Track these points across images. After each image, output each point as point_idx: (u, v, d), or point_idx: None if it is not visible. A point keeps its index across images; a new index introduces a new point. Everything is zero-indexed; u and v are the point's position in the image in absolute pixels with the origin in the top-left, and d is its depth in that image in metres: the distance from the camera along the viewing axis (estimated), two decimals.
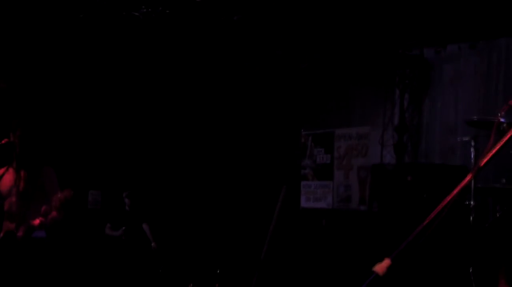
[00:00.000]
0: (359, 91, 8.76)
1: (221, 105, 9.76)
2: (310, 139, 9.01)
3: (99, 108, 9.83)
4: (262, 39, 8.76)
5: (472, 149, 6.03)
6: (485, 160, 2.62)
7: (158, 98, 10.01)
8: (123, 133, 10.05)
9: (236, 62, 9.36)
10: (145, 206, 9.67)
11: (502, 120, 5.10)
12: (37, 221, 5.35)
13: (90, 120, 9.75)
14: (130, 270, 9.20)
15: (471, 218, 5.63)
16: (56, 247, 5.73)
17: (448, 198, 2.66)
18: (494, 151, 2.60)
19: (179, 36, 8.94)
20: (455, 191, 2.65)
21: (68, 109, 9.50)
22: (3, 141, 5.44)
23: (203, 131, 9.87)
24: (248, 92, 9.54)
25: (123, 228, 9.34)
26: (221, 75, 9.58)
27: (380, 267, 2.56)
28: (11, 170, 5.53)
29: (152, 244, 9.42)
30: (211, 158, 9.77)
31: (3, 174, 5.57)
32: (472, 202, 5.66)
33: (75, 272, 8.79)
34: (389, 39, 8.29)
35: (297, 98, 9.23)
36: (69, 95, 9.49)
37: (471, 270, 5.32)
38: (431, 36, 8.11)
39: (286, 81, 9.25)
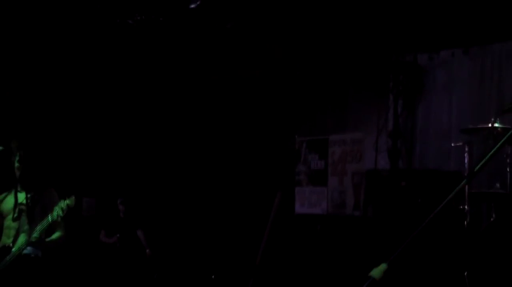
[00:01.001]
0: (353, 97, 8.78)
1: (216, 111, 9.77)
2: (304, 145, 9.01)
3: (93, 115, 9.82)
4: (256, 45, 8.78)
5: (466, 155, 6.04)
6: (480, 164, 2.63)
7: (152, 105, 10.01)
8: (116, 140, 10.05)
9: (230, 68, 9.38)
10: (140, 212, 9.66)
11: (496, 125, 5.14)
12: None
13: (83, 127, 9.74)
14: (124, 277, 9.18)
15: (465, 222, 5.64)
16: (50, 259, 5.75)
17: (445, 201, 2.67)
18: (489, 155, 2.61)
19: (173, 44, 8.95)
20: (450, 196, 2.66)
21: (62, 116, 9.49)
22: None
23: (198, 137, 9.87)
24: (242, 98, 9.55)
25: (118, 235, 9.32)
26: (216, 81, 9.60)
27: (377, 272, 2.57)
28: (13, 192, 5.63)
29: (147, 250, 9.41)
30: (205, 164, 9.77)
31: (5, 196, 5.67)
32: (466, 207, 5.67)
33: (69, 279, 8.76)
34: (382, 46, 8.33)
35: (291, 104, 9.25)
36: (62, 102, 9.48)
37: (466, 274, 5.34)
38: (425, 42, 8.15)
39: (280, 87, 9.26)
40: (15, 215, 5.53)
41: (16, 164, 5.58)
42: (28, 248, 5.46)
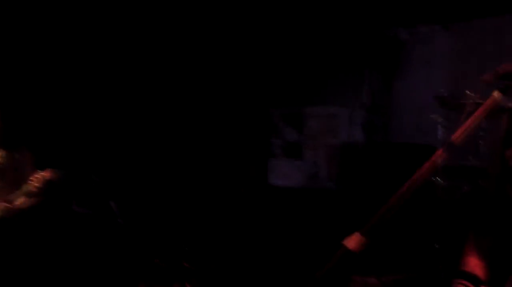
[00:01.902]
0: (330, 70, 8.74)
1: (188, 83, 9.68)
2: (279, 118, 9.00)
3: (68, 87, 9.68)
4: (229, 15, 8.69)
5: (442, 129, 6.05)
6: (456, 135, 2.62)
7: (124, 76, 9.88)
8: (89, 110, 9.93)
9: (203, 38, 9.28)
10: (113, 182, 9.59)
11: (473, 97, 5.15)
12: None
13: (57, 98, 9.61)
14: (97, 247, 9.13)
15: (438, 195, 5.66)
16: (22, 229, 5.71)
17: (419, 173, 2.65)
18: (465, 127, 2.60)
19: (145, 13, 8.83)
20: (426, 166, 2.64)
21: (39, 87, 9.35)
22: None
23: (171, 108, 9.78)
24: (216, 70, 9.47)
25: (91, 205, 9.25)
26: (188, 52, 9.49)
27: (350, 241, 2.56)
28: None
29: (119, 220, 9.36)
30: (179, 136, 9.70)
31: None
32: (439, 179, 5.69)
33: (41, 249, 8.69)
34: (361, 19, 8.28)
35: (266, 76, 9.19)
36: (40, 73, 9.34)
37: (437, 247, 5.37)
38: (404, 16, 8.12)
39: (255, 59, 9.20)
40: None
41: None
42: None
